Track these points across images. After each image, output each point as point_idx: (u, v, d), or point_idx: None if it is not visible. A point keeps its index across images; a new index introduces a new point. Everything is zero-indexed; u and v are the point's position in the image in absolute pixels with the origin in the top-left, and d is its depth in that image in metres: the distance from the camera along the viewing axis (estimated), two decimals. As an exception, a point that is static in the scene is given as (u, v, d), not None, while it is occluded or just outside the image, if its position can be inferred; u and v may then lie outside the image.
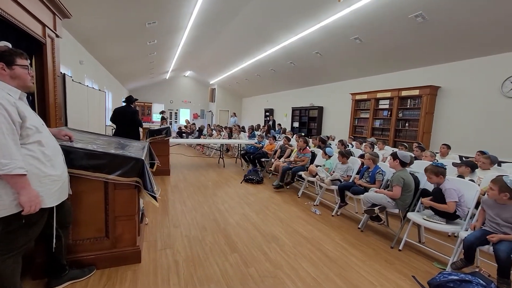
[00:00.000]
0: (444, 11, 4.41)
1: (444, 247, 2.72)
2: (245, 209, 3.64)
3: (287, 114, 12.25)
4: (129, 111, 4.93)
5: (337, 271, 2.24)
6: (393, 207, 2.79)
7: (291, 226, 3.13)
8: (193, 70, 15.64)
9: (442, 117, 5.93)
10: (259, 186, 4.94)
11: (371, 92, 7.29)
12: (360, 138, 7.22)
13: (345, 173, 3.70)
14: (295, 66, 9.00)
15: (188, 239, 2.64)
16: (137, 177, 1.96)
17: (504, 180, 2.05)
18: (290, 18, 6.12)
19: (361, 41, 6.09)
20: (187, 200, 3.87)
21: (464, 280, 1.85)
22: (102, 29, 5.98)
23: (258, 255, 2.42)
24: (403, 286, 2.09)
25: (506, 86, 4.81)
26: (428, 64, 6.18)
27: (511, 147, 4.74)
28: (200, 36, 8.25)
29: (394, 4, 4.58)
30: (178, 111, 18.37)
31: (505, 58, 4.85)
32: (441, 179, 2.49)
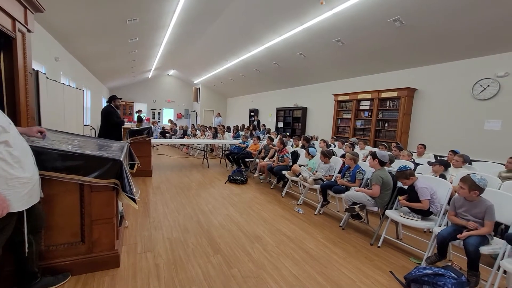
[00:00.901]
0: (420, 17, 4.61)
1: (420, 242, 2.84)
2: (229, 209, 3.62)
3: (271, 114, 12.32)
4: (104, 110, 4.88)
5: (318, 269, 2.28)
6: (372, 205, 2.88)
7: (274, 226, 3.15)
8: (177, 69, 15.37)
9: (419, 118, 6.20)
10: (243, 186, 4.93)
11: (353, 93, 7.49)
12: (343, 138, 7.40)
13: (328, 173, 3.77)
14: (279, 66, 9.07)
15: (169, 242, 2.58)
16: (115, 179, 1.89)
17: (473, 179, 2.16)
18: (274, 19, 6.16)
19: (343, 44, 6.24)
20: (169, 202, 3.79)
21: (438, 274, 1.94)
22: (79, 25, 5.74)
23: (241, 256, 2.41)
24: (381, 282, 2.16)
25: (476, 89, 5.10)
26: (406, 67, 6.44)
27: (481, 146, 5.03)
28: (183, 34, 8.13)
29: (374, 8, 4.73)
30: (161, 111, 17.98)
31: (476, 62, 5.15)
32: (412, 180, 2.60)
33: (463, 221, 2.19)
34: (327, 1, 4.93)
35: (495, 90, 4.84)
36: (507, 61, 4.72)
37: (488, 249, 2.01)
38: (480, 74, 5.06)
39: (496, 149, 4.78)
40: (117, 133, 4.94)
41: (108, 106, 5.01)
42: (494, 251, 2.02)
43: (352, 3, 4.76)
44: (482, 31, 4.47)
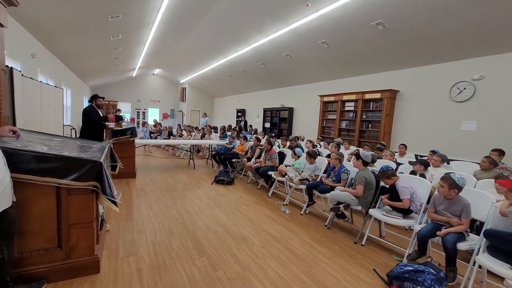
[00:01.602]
0: (402, 21, 4.75)
1: (402, 240, 2.93)
2: (215, 211, 3.59)
3: (258, 114, 12.33)
4: (84, 110, 4.72)
5: (304, 269, 2.29)
6: (356, 204, 2.93)
7: (260, 226, 3.14)
8: (162, 68, 15.09)
9: (401, 119, 6.40)
10: (230, 187, 4.90)
11: (338, 95, 7.62)
12: (328, 138, 7.51)
13: (313, 173, 3.81)
14: (266, 67, 9.10)
15: (153, 245, 2.52)
16: (95, 181, 1.82)
17: (452, 178, 2.25)
18: (260, 20, 6.17)
19: (328, 45, 6.34)
20: (153, 204, 3.70)
21: (418, 270, 2.00)
22: (58, 20, 5.51)
23: (227, 258, 2.39)
24: (365, 280, 2.20)
25: (454, 91, 5.33)
26: (388, 69, 6.63)
27: (458, 146, 5.26)
28: (169, 33, 7.98)
29: (358, 11, 4.83)
30: (146, 111, 17.58)
31: (453, 66, 5.37)
32: (394, 179, 2.67)
33: (444, 217, 2.27)
34: (313, 3, 4.99)
35: (471, 93, 5.07)
36: (481, 65, 4.96)
37: (464, 245, 2.10)
38: (457, 77, 5.29)
39: (472, 149, 5.01)
40: (98, 133, 4.79)
41: (89, 106, 4.85)
42: (470, 247, 2.10)
43: (337, 6, 4.84)
44: (459, 36, 4.67)
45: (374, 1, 4.47)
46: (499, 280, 2.19)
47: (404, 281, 2.00)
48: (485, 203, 2.23)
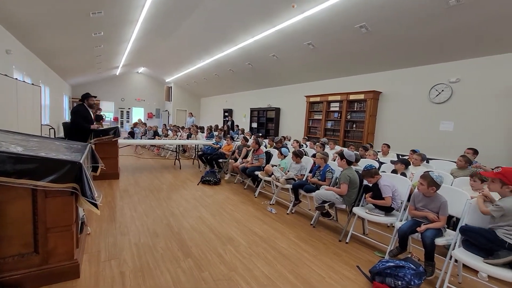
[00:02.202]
0: (383, 25, 4.90)
1: (384, 237, 3.02)
2: (201, 211, 3.55)
3: (245, 114, 12.33)
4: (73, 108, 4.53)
5: (290, 268, 2.31)
6: (341, 203, 3.00)
7: (247, 226, 3.14)
8: (147, 66, 14.77)
9: (383, 119, 6.59)
10: (217, 187, 4.87)
11: (323, 95, 7.75)
12: (314, 138, 7.62)
13: (299, 172, 3.86)
14: (253, 67, 9.11)
15: (137, 248, 2.46)
16: (74, 183, 1.76)
17: (431, 176, 2.34)
18: (247, 20, 6.17)
19: (314, 47, 6.43)
20: (137, 205, 3.62)
21: (399, 266, 2.07)
22: (36, 15, 5.27)
23: (213, 258, 2.37)
24: (349, 276, 2.25)
25: (432, 93, 5.56)
26: (371, 71, 6.81)
27: (436, 146, 5.48)
28: (154, 31, 7.82)
29: (342, 14, 4.93)
30: (130, 110, 17.15)
31: (432, 69, 5.60)
32: (377, 178, 2.75)
33: (422, 212, 2.36)
34: (299, 5, 5.05)
35: (448, 95, 5.30)
36: (458, 69, 5.20)
37: (442, 240, 2.19)
38: (435, 80, 5.52)
39: (449, 148, 5.24)
40: (84, 133, 4.55)
41: (79, 105, 4.64)
42: (447, 242, 2.20)
43: (322, 8, 4.93)
44: (437, 40, 4.88)
45: (358, 5, 4.58)
46: (474, 273, 2.31)
47: (386, 277, 2.06)
48: (461, 200, 2.34)
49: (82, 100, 4.66)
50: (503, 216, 1.91)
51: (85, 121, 4.55)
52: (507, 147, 4.54)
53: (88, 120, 4.61)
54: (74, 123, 4.56)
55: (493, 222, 1.98)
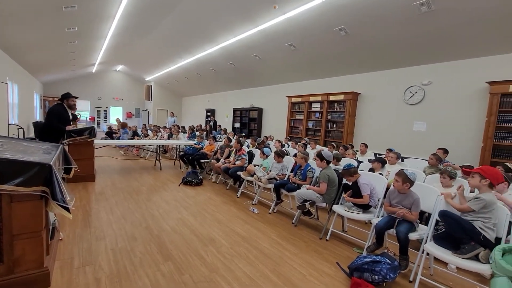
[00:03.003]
0: (361, 28, 5.07)
1: (362, 233, 3.11)
2: (182, 213, 3.49)
3: (228, 114, 12.26)
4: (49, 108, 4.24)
5: (271, 267, 2.33)
6: (321, 202, 3.06)
7: (229, 227, 3.12)
8: (126, 64, 14.28)
9: (362, 119, 6.82)
10: (198, 188, 4.80)
11: (305, 96, 7.88)
12: (296, 138, 7.73)
13: (281, 172, 3.89)
14: (235, 67, 9.08)
15: (113, 252, 2.37)
16: (43, 186, 1.66)
17: (405, 173, 2.45)
18: (229, 19, 6.14)
19: (295, 48, 6.52)
20: (115, 208, 3.48)
21: (375, 261, 2.14)
22: (1, 7, 4.91)
23: (194, 260, 2.33)
24: (328, 273, 2.30)
25: (407, 95, 5.83)
26: (350, 73, 7.02)
27: (410, 145, 5.75)
28: (132, 28, 7.58)
29: (322, 16, 5.05)
30: (108, 109, 16.50)
31: (406, 71, 5.87)
32: (356, 176, 2.84)
33: (396, 208, 2.47)
34: (280, 6, 5.10)
35: (421, 96, 5.58)
36: (430, 71, 5.49)
37: (415, 235, 2.30)
38: (409, 82, 5.79)
39: (422, 147, 5.51)
40: (57, 134, 4.27)
41: (57, 105, 4.35)
42: (420, 236, 2.31)
43: (302, 10, 5.01)
44: (411, 44, 5.12)
45: (337, 8, 4.71)
46: (444, 265, 2.44)
47: (364, 272, 2.13)
48: (432, 196, 2.47)
49: (61, 100, 4.37)
50: (482, 208, 2.02)
51: (60, 121, 4.28)
52: (474, 147, 4.84)
53: (64, 121, 4.34)
54: (48, 123, 4.29)
55: (467, 216, 2.10)
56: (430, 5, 4.01)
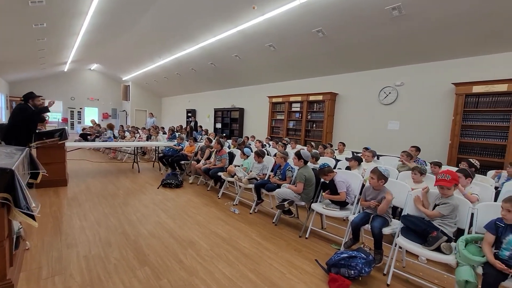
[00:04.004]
0: (337, 30, 5.21)
1: (340, 230, 3.20)
2: (161, 216, 3.40)
3: (209, 115, 12.14)
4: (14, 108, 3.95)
5: (251, 267, 2.33)
6: (299, 200, 3.11)
7: (209, 229, 3.09)
8: (101, 63, 13.70)
9: (340, 119, 7.02)
10: (178, 190, 4.71)
11: (285, 96, 7.98)
12: (277, 138, 7.80)
13: (261, 172, 3.91)
14: (216, 67, 9.01)
15: (86, 260, 2.26)
16: (5, 193, 1.55)
17: (379, 170, 2.55)
18: (208, 19, 6.08)
19: (275, 48, 6.58)
20: (88, 214, 3.33)
21: (351, 256, 2.21)
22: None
23: (172, 264, 2.29)
24: (307, 270, 2.34)
25: (381, 95, 6.07)
26: (329, 74, 7.19)
27: (385, 143, 5.99)
28: (108, 25, 7.29)
29: (300, 18, 5.13)
30: (82, 110, 15.74)
31: (381, 73, 6.12)
32: (332, 175, 2.92)
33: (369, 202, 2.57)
34: (259, 7, 5.12)
35: (395, 97, 5.84)
36: (402, 73, 5.76)
37: (388, 229, 2.40)
38: (383, 83, 6.04)
39: (396, 145, 5.76)
40: (21, 136, 3.98)
41: (21, 105, 4.05)
42: (393, 231, 2.41)
43: (281, 11, 5.06)
44: (384, 47, 5.34)
45: (314, 10, 4.81)
46: (415, 257, 2.57)
47: (341, 268, 2.19)
48: (404, 192, 2.59)
49: (25, 100, 4.05)
50: (450, 212, 2.13)
51: (26, 122, 4.00)
52: (443, 144, 5.13)
53: (30, 122, 4.07)
54: (13, 125, 4.00)
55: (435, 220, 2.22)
56: (401, 10, 4.20)
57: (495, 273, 1.68)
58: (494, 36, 4.24)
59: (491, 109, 4.43)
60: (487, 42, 4.42)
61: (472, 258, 1.78)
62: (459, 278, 1.78)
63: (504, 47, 4.43)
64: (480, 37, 4.37)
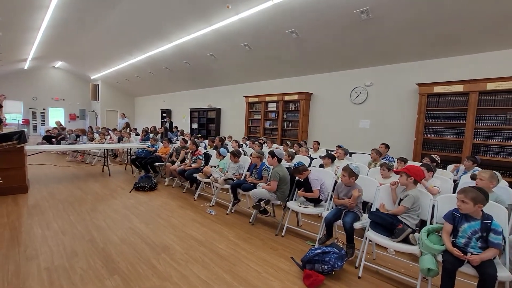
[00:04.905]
0: (309, 32, 5.34)
1: (315, 226, 3.28)
2: (133, 221, 3.26)
3: (185, 115, 11.87)
4: None
5: (227, 268, 2.31)
6: (275, 199, 3.14)
7: (184, 231, 3.02)
8: (67, 61, 12.85)
9: (315, 118, 7.20)
10: (152, 193, 4.55)
11: (262, 96, 8.02)
12: (254, 137, 7.82)
13: (237, 172, 3.90)
14: (191, 66, 8.83)
15: (48, 272, 2.10)
16: None
17: (350, 167, 2.65)
18: (182, 16, 5.94)
19: (250, 48, 6.58)
20: (52, 222, 3.10)
21: (325, 252, 2.27)
22: None
23: (145, 271, 2.20)
24: (283, 268, 2.37)
25: (353, 95, 6.32)
26: (303, 74, 7.35)
27: (357, 141, 6.25)
28: (73, 20, 6.86)
29: (274, 18, 5.18)
30: (46, 111, 14.66)
31: (352, 73, 6.36)
32: (306, 173, 2.98)
33: (342, 200, 2.66)
34: (233, 6, 5.10)
35: (365, 97, 6.10)
36: (371, 74, 6.03)
37: (359, 224, 2.50)
38: (355, 83, 6.29)
39: (366, 143, 6.03)
40: None
41: None
42: (363, 225, 2.52)
43: (255, 11, 5.08)
44: (355, 49, 5.55)
45: (288, 12, 4.88)
46: (384, 249, 2.70)
47: (315, 263, 2.24)
48: (373, 187, 2.71)
49: None
50: (413, 204, 2.26)
51: None
52: (409, 141, 5.44)
53: None
54: None
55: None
56: (369, 13, 4.39)
57: (453, 260, 1.81)
58: (452, 40, 4.59)
59: (450, 108, 4.78)
60: (446, 45, 4.77)
61: (433, 247, 1.91)
62: (422, 267, 1.90)
63: (461, 51, 4.80)
64: (439, 41, 4.69)
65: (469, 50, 4.72)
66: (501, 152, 4.34)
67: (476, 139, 4.51)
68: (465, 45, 4.64)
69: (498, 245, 1.76)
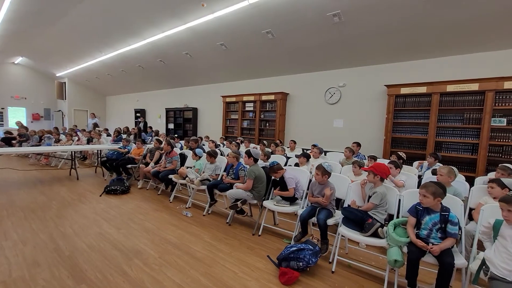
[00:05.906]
0: (286, 32, 5.41)
1: (291, 224, 3.32)
2: (103, 226, 3.11)
3: (160, 115, 11.52)
4: None
5: (203, 270, 2.28)
6: (251, 199, 3.15)
7: (158, 235, 2.93)
8: (28, 56, 11.90)
9: (291, 118, 7.32)
10: (125, 196, 4.36)
11: (239, 95, 8.00)
12: (232, 137, 7.78)
13: (214, 172, 3.85)
14: (166, 64, 8.58)
15: (4, 286, 1.94)
16: None
17: (323, 166, 2.72)
18: (154, 13, 5.76)
19: (226, 48, 6.54)
20: (10, 231, 2.87)
21: (299, 249, 2.32)
22: None
23: (115, 279, 2.10)
24: (259, 267, 2.38)
25: (327, 95, 6.51)
26: (279, 74, 7.43)
27: (331, 140, 6.44)
28: (34, 13, 6.38)
29: (249, 18, 5.19)
30: (4, 110, 13.47)
31: (326, 74, 6.55)
32: (281, 172, 3.03)
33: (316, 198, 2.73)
34: (209, 5, 5.03)
35: (338, 97, 6.32)
36: (344, 75, 6.25)
37: (332, 220, 2.59)
38: (329, 84, 6.48)
39: (340, 141, 6.23)
40: None
41: None
42: (336, 221, 2.61)
43: (231, 11, 5.04)
44: (328, 50, 5.72)
45: (263, 12, 4.91)
46: (356, 244, 2.82)
47: (290, 261, 2.28)
48: (345, 184, 2.82)
49: None
50: (380, 200, 2.38)
51: None
52: (379, 139, 5.71)
53: None
54: None
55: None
56: (341, 16, 4.55)
57: (416, 250, 1.93)
58: (416, 45, 4.89)
59: (415, 108, 5.09)
60: (410, 49, 5.07)
61: (399, 239, 2.02)
62: (389, 258, 2.01)
63: (423, 55, 5.13)
64: (404, 45, 4.98)
65: (431, 54, 5.06)
66: (459, 149, 4.70)
67: (438, 137, 4.85)
68: (427, 50, 4.97)
69: (455, 235, 1.91)
